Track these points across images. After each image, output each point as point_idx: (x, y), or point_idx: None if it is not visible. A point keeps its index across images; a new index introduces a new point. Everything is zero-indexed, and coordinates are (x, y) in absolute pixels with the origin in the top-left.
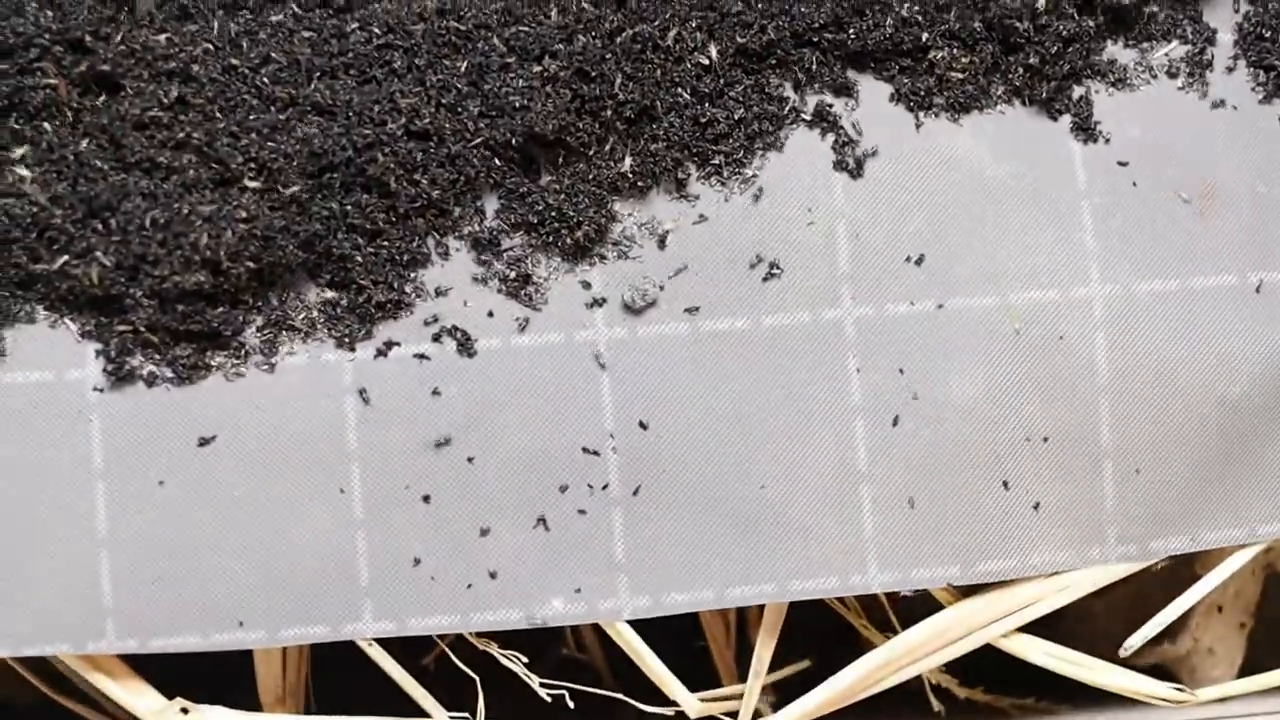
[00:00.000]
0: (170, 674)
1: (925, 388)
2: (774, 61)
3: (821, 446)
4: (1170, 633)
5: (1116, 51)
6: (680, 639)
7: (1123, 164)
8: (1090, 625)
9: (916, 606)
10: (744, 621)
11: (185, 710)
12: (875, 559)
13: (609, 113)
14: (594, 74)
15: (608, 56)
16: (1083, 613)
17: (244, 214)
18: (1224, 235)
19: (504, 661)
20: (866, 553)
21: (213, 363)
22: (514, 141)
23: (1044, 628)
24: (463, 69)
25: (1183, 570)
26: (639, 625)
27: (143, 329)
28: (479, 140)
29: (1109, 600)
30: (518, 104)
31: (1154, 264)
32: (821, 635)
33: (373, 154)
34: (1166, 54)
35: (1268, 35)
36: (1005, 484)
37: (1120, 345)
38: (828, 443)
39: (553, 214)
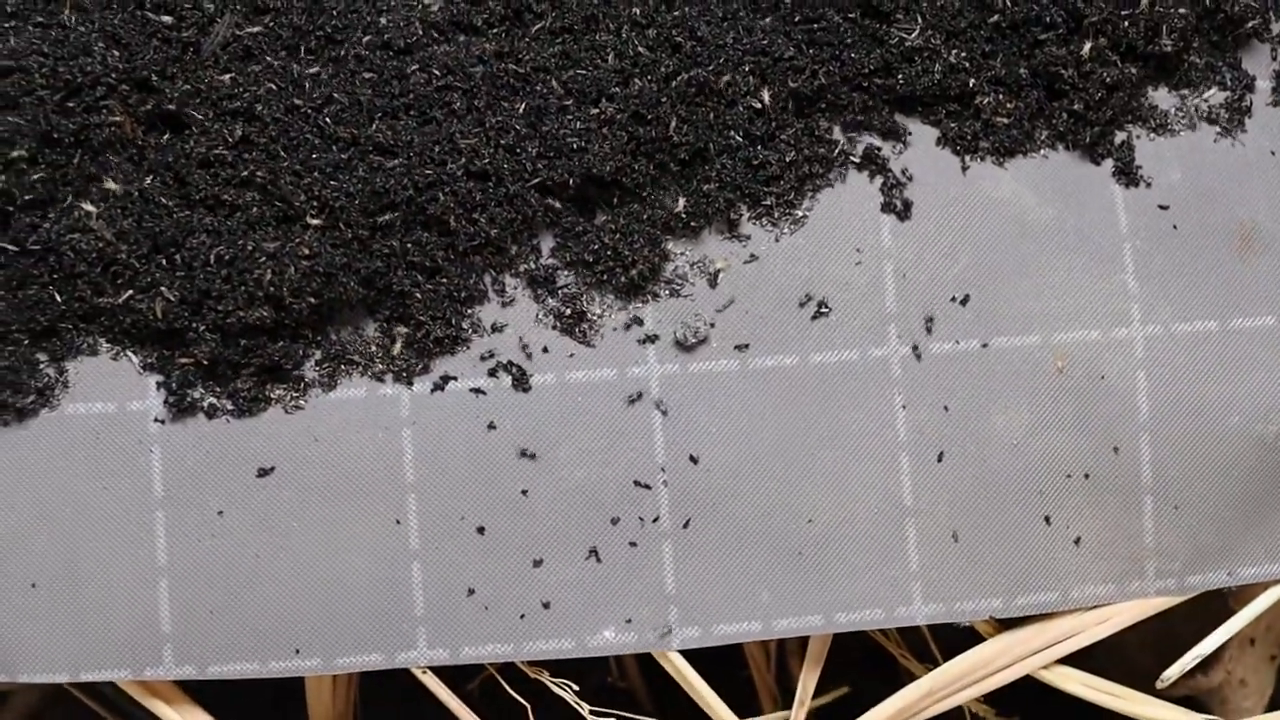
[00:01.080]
0: (221, 703)
1: (969, 424)
2: (824, 105)
3: (868, 481)
4: (1203, 666)
5: (1158, 98)
6: (721, 666)
7: (1163, 207)
8: (1122, 659)
9: (954, 638)
10: (784, 648)
11: None
12: (920, 592)
13: (664, 155)
14: (649, 117)
15: (663, 100)
16: (1115, 647)
17: (306, 251)
18: (1263, 277)
19: (556, 690)
20: (911, 586)
21: (272, 395)
22: (571, 182)
23: (1078, 661)
24: (521, 111)
25: (1212, 603)
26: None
27: (205, 362)
28: (536, 180)
29: (1140, 634)
30: (575, 145)
31: (1194, 305)
32: (858, 661)
33: (433, 193)
34: (1206, 100)
35: None
36: (1047, 519)
37: (1160, 384)
38: (874, 477)
39: (607, 253)
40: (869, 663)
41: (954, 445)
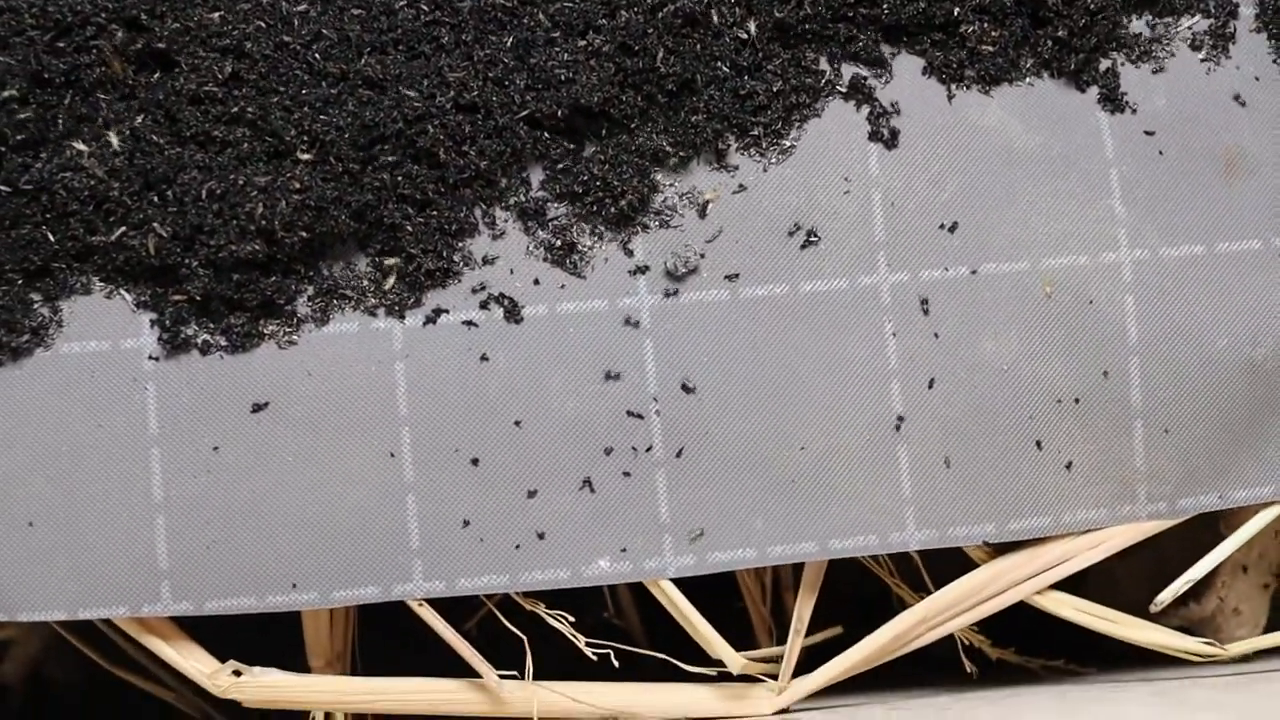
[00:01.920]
0: (217, 642)
1: (960, 350)
2: (810, 36)
3: (859, 408)
4: (1195, 594)
5: (1141, 25)
6: (715, 600)
7: (1149, 133)
8: (1115, 591)
9: (947, 569)
10: (779, 583)
11: (238, 672)
12: (913, 518)
13: (651, 86)
14: (636, 48)
15: (650, 31)
16: (1106, 577)
17: (298, 185)
18: (1248, 201)
19: (551, 622)
20: (905, 512)
21: (266, 331)
22: (559, 114)
23: (1071, 589)
24: (509, 44)
25: (1202, 535)
26: (680, 586)
27: (198, 298)
28: (525, 112)
29: (1130, 565)
30: (563, 77)
31: (1181, 229)
32: (855, 601)
33: (422, 126)
34: (1190, 27)
35: None
36: (1038, 444)
37: (1149, 308)
38: (865, 404)
39: (597, 184)
40: (866, 604)
41: (944, 371)
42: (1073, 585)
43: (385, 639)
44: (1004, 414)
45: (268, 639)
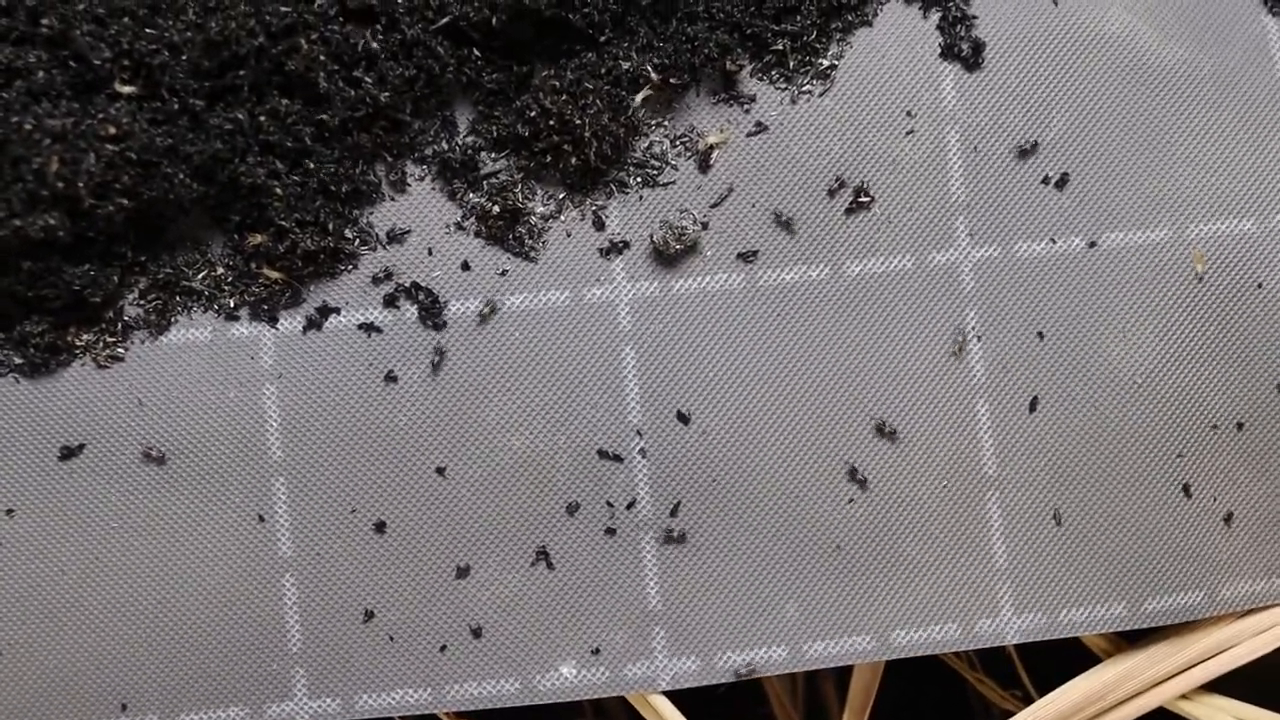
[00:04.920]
0: None
1: (1073, 357)
2: None
3: (932, 442)
4: None
5: None
6: (724, 703)
7: None
8: (1274, 684)
9: (1058, 662)
10: (816, 674)
11: None
12: (1010, 597)
13: None
14: None
15: None
16: (1266, 669)
17: (112, 130)
18: None
19: None
20: (998, 589)
21: (77, 343)
22: (494, 22)
23: (1226, 687)
24: None
25: None
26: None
27: None
28: (445, 21)
29: None
30: None
31: None
32: (914, 676)
33: (293, 40)
34: None
35: None
36: (1186, 489)
37: None
38: (941, 436)
39: (551, 124)
40: (930, 679)
41: (1052, 387)
42: (1227, 684)
43: None
44: (1138, 447)
45: None
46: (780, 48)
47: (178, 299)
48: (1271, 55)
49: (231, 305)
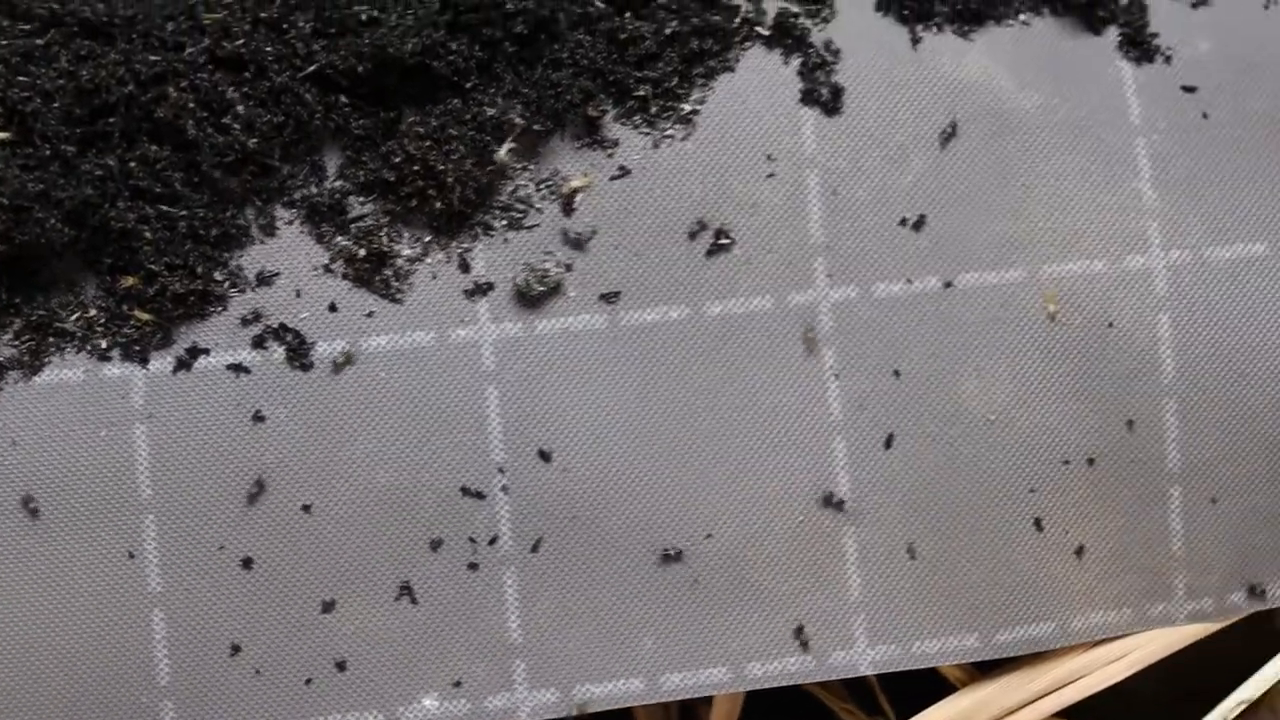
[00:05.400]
0: None
1: (929, 395)
2: None
3: (789, 477)
4: (1250, 710)
5: None
6: None
7: (1189, 89)
8: (1134, 699)
9: (919, 688)
10: (689, 707)
11: None
12: (864, 629)
13: (493, 29)
14: None
15: None
16: (1117, 695)
17: None
18: None
19: None
20: (852, 620)
21: None
22: (360, 70)
23: (1081, 714)
24: None
25: (1254, 628)
26: None
27: None
28: (313, 68)
29: (1150, 677)
30: (365, 18)
31: (1234, 222)
32: (784, 705)
33: (163, 89)
34: None
35: None
36: (1038, 523)
37: (1191, 333)
38: (798, 472)
39: (415, 169)
40: (797, 706)
41: (908, 424)
42: (1080, 713)
43: None
44: (991, 483)
45: None
46: (642, 94)
47: (51, 340)
48: (1126, 100)
49: (104, 346)
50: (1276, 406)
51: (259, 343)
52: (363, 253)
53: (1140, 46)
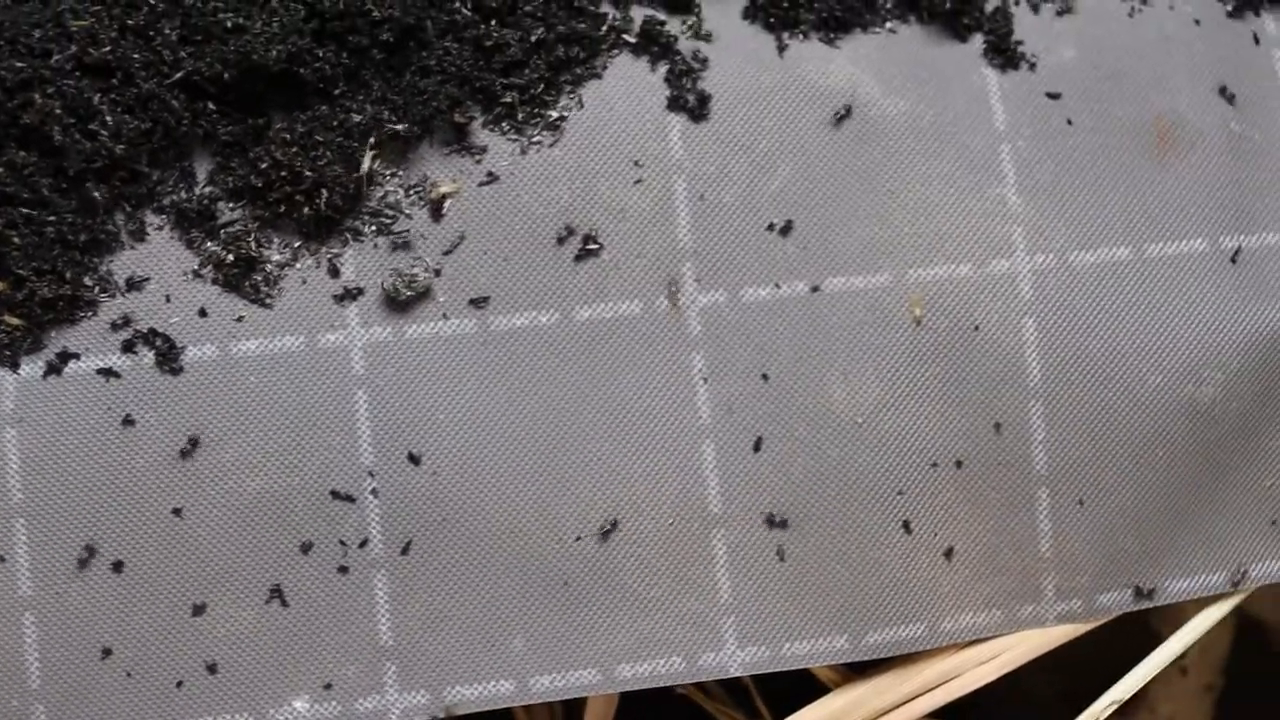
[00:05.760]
0: None
1: (797, 398)
2: None
3: (659, 481)
4: (1124, 707)
5: None
6: None
7: (1054, 96)
8: (1013, 693)
9: (794, 687)
10: (571, 709)
11: None
12: (734, 631)
13: (360, 36)
14: None
15: None
16: (997, 695)
17: None
18: (1189, 188)
19: None
20: (722, 623)
21: None
22: (226, 77)
23: (955, 714)
24: None
25: (1130, 629)
26: None
27: None
28: (180, 75)
29: (1032, 675)
30: (230, 25)
31: (1097, 227)
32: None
33: (29, 95)
34: None
35: None
36: (906, 525)
37: (1056, 336)
38: (667, 476)
39: (283, 175)
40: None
41: (776, 428)
42: (957, 712)
43: None
44: (859, 485)
45: None
46: (509, 100)
47: None
48: (991, 106)
49: None
50: (1140, 408)
51: (129, 347)
52: (232, 258)
53: (1005, 54)
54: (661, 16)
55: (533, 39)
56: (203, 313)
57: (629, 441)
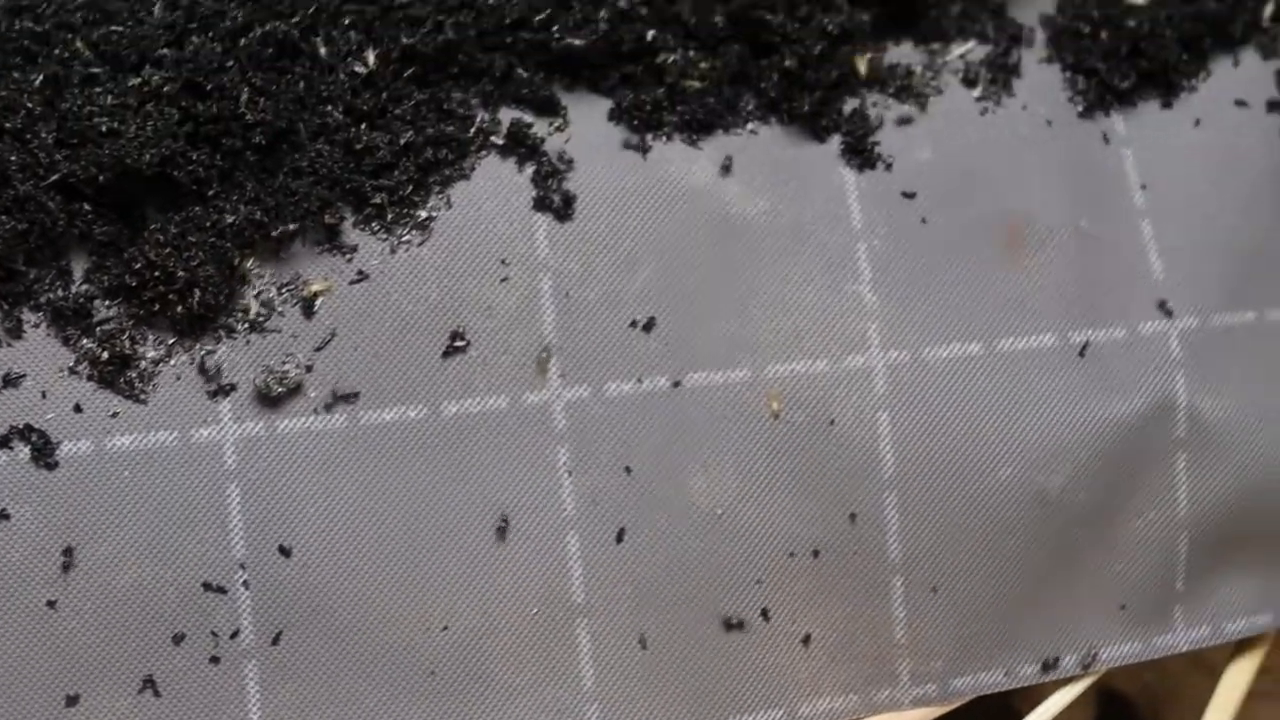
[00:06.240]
0: None
1: (659, 491)
2: (456, 70)
3: (524, 572)
4: None
5: (901, 54)
6: None
7: (908, 196)
8: None
9: None
10: None
11: None
12: (598, 717)
13: (233, 139)
14: (211, 88)
15: (230, 64)
16: None
17: None
18: (1039, 285)
19: None
20: (586, 711)
21: None
22: (102, 179)
23: None
24: (36, 83)
25: (991, 700)
26: None
27: None
28: (56, 177)
29: None
30: (105, 128)
31: (950, 323)
32: None
33: None
34: (962, 56)
35: (1087, 31)
36: (764, 613)
37: (909, 429)
38: (532, 566)
39: (157, 274)
40: None
41: (639, 519)
42: None
43: None
44: (719, 574)
45: None
46: (379, 201)
47: None
48: (848, 205)
49: None
50: (992, 498)
51: (4, 443)
52: (107, 355)
53: (862, 154)
54: (529, 119)
55: (402, 142)
56: (78, 409)
57: (496, 533)
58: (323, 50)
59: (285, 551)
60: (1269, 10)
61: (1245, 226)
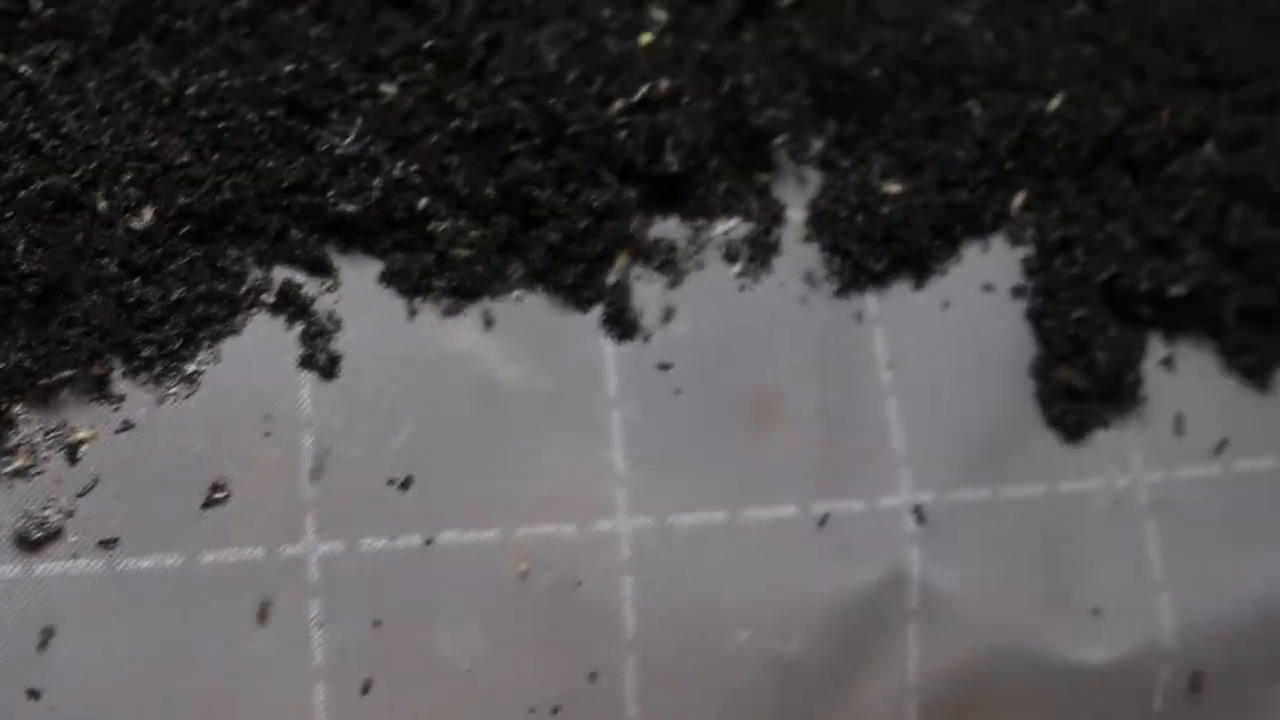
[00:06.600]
0: None
1: (407, 644)
2: (233, 229)
3: None
4: None
5: (665, 229)
6: None
7: (665, 366)
8: None
9: None
10: None
11: None
12: None
13: (8, 287)
14: None
15: (9, 216)
16: None
17: None
18: (785, 457)
19: None
20: None
21: None
22: None
23: None
24: None
25: None
26: None
27: None
28: None
29: None
30: None
31: (697, 491)
32: None
33: None
34: (725, 233)
35: (844, 215)
36: None
37: (652, 592)
38: (276, 716)
39: None
40: None
41: (386, 671)
42: None
43: None
44: None
45: None
46: (148, 354)
47: None
48: (605, 375)
49: None
50: (729, 661)
51: None
52: None
53: (621, 325)
54: (300, 278)
55: (174, 297)
56: None
57: (245, 682)
58: (102, 204)
59: (34, 694)
60: (1018, 200)
61: (985, 406)
